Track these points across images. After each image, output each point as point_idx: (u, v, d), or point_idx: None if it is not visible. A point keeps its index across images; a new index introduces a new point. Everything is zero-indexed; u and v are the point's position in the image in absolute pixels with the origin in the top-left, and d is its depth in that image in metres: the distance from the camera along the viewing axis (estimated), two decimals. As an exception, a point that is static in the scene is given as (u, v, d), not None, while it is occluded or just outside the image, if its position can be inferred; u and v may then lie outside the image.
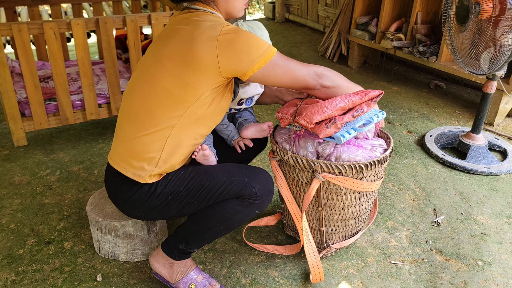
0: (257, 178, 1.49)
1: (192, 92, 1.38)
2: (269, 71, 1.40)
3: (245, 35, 1.36)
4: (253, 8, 7.53)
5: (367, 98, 1.58)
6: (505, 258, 1.85)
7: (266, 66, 1.39)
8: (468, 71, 2.49)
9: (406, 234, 1.99)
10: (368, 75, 4.08)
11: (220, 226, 1.50)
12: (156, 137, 1.42)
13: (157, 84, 1.39)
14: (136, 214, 1.56)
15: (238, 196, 1.46)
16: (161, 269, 1.60)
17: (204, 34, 1.34)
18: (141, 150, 1.43)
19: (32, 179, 2.37)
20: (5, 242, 1.91)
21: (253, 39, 1.37)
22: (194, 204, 1.48)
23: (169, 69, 1.38)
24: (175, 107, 1.39)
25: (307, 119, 1.53)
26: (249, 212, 1.50)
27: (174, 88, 1.38)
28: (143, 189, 1.47)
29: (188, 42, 1.35)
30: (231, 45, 1.33)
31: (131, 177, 1.46)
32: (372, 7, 4.07)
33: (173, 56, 1.37)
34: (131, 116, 1.45)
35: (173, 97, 1.38)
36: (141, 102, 1.42)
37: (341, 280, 1.73)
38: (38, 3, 3.33)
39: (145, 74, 1.44)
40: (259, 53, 1.37)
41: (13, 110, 2.51)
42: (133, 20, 2.55)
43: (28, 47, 2.39)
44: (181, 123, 1.41)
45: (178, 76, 1.37)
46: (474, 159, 2.53)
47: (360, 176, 1.60)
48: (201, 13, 1.42)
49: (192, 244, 1.56)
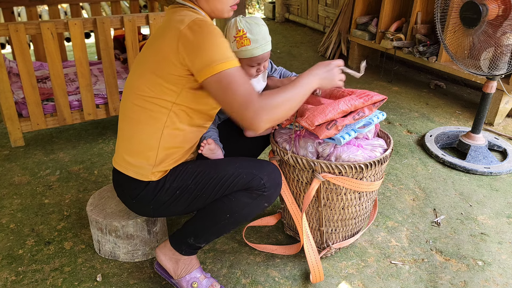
0: (265, 170, 1.48)
1: (168, 89, 1.39)
2: (219, 83, 1.31)
3: (209, 36, 1.30)
4: (253, 8, 7.53)
5: (370, 102, 1.58)
6: (505, 258, 1.85)
7: (218, 76, 1.30)
8: (468, 72, 2.49)
9: (406, 234, 1.99)
10: (368, 75, 4.08)
11: (229, 219, 1.49)
12: (151, 134, 1.43)
13: (141, 85, 1.42)
14: (146, 211, 1.56)
15: (246, 188, 1.46)
16: (166, 263, 1.60)
17: (172, 27, 1.35)
18: (138, 149, 1.45)
19: (32, 179, 2.37)
20: (5, 242, 1.90)
21: (216, 43, 1.30)
22: (202, 198, 1.48)
23: (148, 66, 1.40)
24: (160, 104, 1.41)
25: (309, 121, 1.53)
26: (257, 204, 1.49)
27: (153, 86, 1.40)
28: (151, 185, 1.48)
29: (159, 36, 1.39)
30: (191, 40, 1.30)
31: (133, 176, 1.47)
32: (372, 7, 4.07)
33: (152, 52, 1.40)
34: (127, 115, 1.47)
35: (156, 95, 1.40)
36: (134, 100, 1.44)
37: (341, 280, 1.72)
38: (36, 3, 3.33)
39: (137, 71, 1.46)
40: (214, 59, 1.29)
41: (10, 110, 2.51)
42: (131, 20, 2.55)
43: (25, 47, 2.39)
44: (170, 119, 1.42)
45: (154, 72, 1.38)
46: (474, 159, 2.53)
47: (360, 176, 1.60)
48: (184, 9, 1.42)
49: (201, 239, 1.54)
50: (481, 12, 2.21)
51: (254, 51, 1.56)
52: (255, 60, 1.58)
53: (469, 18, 2.30)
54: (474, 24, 2.29)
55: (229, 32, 1.56)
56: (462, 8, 2.33)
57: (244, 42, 1.53)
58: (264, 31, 1.57)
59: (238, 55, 1.55)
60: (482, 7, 2.21)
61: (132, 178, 1.48)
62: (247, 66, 1.60)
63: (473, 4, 2.25)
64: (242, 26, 1.53)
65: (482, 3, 2.21)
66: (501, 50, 2.29)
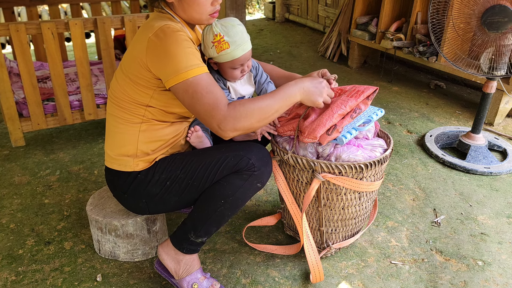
0: (252, 150, 1.49)
1: (142, 91, 1.43)
2: (185, 91, 1.34)
3: (175, 44, 1.32)
4: (253, 8, 7.53)
5: (363, 97, 1.58)
6: (505, 258, 1.85)
7: (184, 84, 1.33)
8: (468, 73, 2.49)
9: (406, 234, 1.99)
10: (368, 75, 4.08)
11: (224, 205, 1.49)
12: (129, 131, 1.49)
13: (118, 86, 1.49)
14: (140, 206, 1.58)
15: (235, 170, 1.47)
16: (168, 262, 1.60)
17: (144, 33, 1.39)
18: (118, 143, 1.52)
19: (32, 179, 2.37)
20: (5, 242, 1.90)
21: (181, 51, 1.32)
22: (194, 186, 1.49)
23: (124, 69, 1.46)
24: (136, 105, 1.46)
25: (312, 136, 1.53)
26: (250, 185, 1.49)
27: (128, 87, 1.45)
28: (139, 178, 1.51)
29: (134, 41, 1.43)
30: (156, 48, 1.34)
31: (117, 168, 1.52)
32: (372, 7, 4.07)
33: (127, 56, 1.46)
34: (109, 113, 1.55)
35: (130, 97, 1.46)
36: (113, 99, 1.52)
37: (341, 280, 1.72)
38: (36, 3, 3.33)
39: (117, 73, 1.51)
40: (179, 67, 1.32)
41: (11, 110, 2.51)
42: (131, 20, 2.55)
43: (26, 47, 2.39)
44: (146, 118, 1.48)
45: (128, 76, 1.44)
46: (474, 159, 2.53)
47: (360, 176, 1.60)
48: (162, 15, 1.45)
49: (200, 231, 1.53)
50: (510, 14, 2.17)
51: (234, 53, 1.52)
52: (237, 62, 1.55)
53: (498, 22, 2.25)
54: (504, 28, 2.24)
55: (206, 38, 1.52)
56: (486, 13, 2.27)
57: (223, 46, 1.49)
58: (242, 31, 1.53)
59: (219, 60, 1.54)
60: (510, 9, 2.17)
61: (118, 171, 1.53)
62: (230, 69, 1.58)
63: (502, 8, 2.20)
64: (218, 30, 1.48)
65: (506, 5, 2.18)
66: (501, 50, 2.29)
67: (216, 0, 1.43)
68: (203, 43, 1.54)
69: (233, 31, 1.50)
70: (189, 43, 1.36)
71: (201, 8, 1.41)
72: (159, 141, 1.52)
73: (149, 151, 1.51)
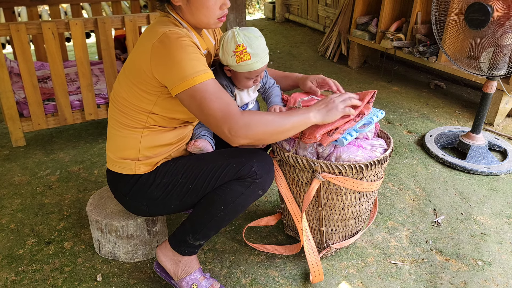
0: (255, 157, 1.48)
1: (145, 98, 1.42)
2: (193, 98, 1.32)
3: (180, 50, 1.30)
4: (253, 8, 7.53)
5: (364, 102, 1.59)
6: (505, 258, 1.85)
7: (191, 90, 1.31)
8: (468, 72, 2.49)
9: (406, 234, 1.99)
10: (368, 75, 4.08)
11: (224, 211, 1.48)
12: (131, 136, 1.48)
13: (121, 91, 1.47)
14: (141, 208, 1.58)
15: (237, 177, 1.46)
16: (166, 263, 1.59)
17: (147, 39, 1.37)
18: (120, 146, 1.51)
19: (32, 179, 2.37)
20: (5, 242, 1.91)
21: (186, 57, 1.30)
22: (195, 191, 1.49)
23: (127, 73, 1.44)
24: (138, 111, 1.45)
25: (312, 136, 1.53)
26: (251, 193, 1.48)
27: (131, 93, 1.43)
28: (141, 181, 1.50)
29: (138, 46, 1.41)
30: (161, 55, 1.32)
31: (119, 171, 1.51)
32: (372, 7, 4.07)
33: (130, 61, 1.44)
34: (111, 117, 1.54)
35: (133, 102, 1.44)
36: (115, 103, 1.50)
37: (341, 280, 1.72)
38: (36, 3, 3.33)
39: (120, 76, 1.50)
40: (186, 74, 1.30)
41: (12, 110, 2.51)
42: (131, 20, 2.55)
43: (26, 47, 2.39)
44: (149, 123, 1.47)
45: (131, 81, 1.42)
46: (474, 159, 2.53)
47: (360, 176, 1.60)
48: (167, 20, 1.43)
49: (199, 235, 1.53)
50: (490, 13, 2.17)
51: (255, 65, 1.51)
52: (254, 74, 1.55)
53: (477, 19, 2.24)
54: (482, 26, 2.24)
55: (227, 46, 1.49)
56: (468, 10, 2.28)
57: (245, 57, 1.48)
58: (263, 44, 1.52)
59: (237, 69, 1.53)
60: (489, 8, 2.18)
61: (120, 174, 1.52)
62: (245, 79, 1.57)
63: (480, 6, 2.21)
64: (242, 40, 1.46)
65: (488, 3, 2.19)
66: (501, 50, 2.29)
67: (225, 4, 1.42)
68: (223, 49, 1.51)
69: (256, 43, 1.49)
70: (194, 48, 1.34)
71: (210, 11, 1.40)
72: (162, 146, 1.51)
73: (151, 155, 1.50)
